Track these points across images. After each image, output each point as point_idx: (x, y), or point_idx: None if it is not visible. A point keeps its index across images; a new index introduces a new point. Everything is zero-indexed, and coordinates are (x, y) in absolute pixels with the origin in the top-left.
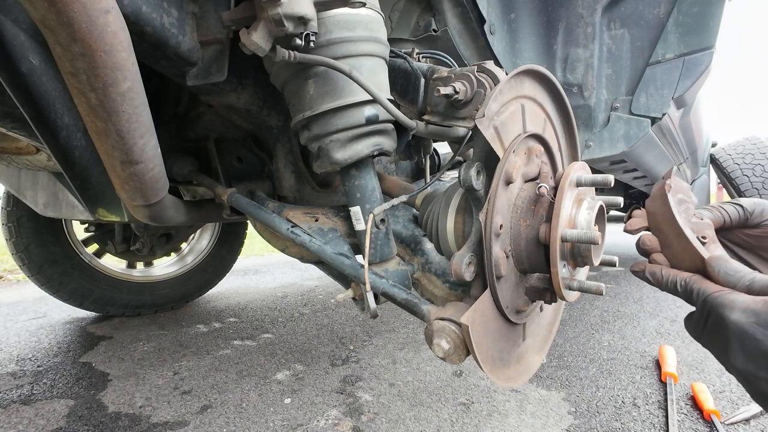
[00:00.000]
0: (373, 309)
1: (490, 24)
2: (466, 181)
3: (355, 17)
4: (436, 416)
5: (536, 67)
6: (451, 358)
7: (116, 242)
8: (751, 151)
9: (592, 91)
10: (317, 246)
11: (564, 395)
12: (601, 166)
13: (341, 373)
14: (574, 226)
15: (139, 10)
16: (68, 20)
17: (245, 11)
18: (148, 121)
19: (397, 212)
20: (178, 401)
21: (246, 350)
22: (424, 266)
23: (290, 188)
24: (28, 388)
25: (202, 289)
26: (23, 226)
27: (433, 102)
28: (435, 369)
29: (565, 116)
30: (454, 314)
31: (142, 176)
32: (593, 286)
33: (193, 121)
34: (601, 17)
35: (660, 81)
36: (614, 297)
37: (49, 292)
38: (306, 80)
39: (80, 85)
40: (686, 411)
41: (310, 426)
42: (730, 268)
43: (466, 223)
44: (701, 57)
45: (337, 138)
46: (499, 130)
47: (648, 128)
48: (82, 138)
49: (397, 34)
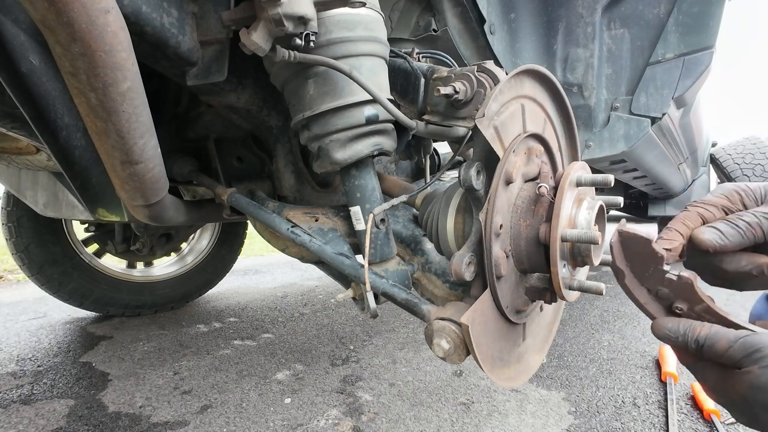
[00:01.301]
0: (373, 309)
1: (490, 24)
2: (466, 181)
3: (355, 17)
4: (436, 416)
5: (536, 66)
6: (451, 357)
7: (116, 242)
8: (751, 150)
9: (592, 90)
10: (317, 246)
11: (564, 395)
12: (601, 165)
13: (341, 372)
14: (574, 225)
15: (139, 10)
16: (68, 20)
17: (245, 11)
18: (148, 121)
19: (397, 212)
20: (178, 401)
21: (246, 350)
22: (424, 266)
23: (290, 188)
24: (28, 388)
25: (202, 289)
26: (23, 226)
27: (433, 102)
28: (435, 369)
29: (565, 116)
30: (454, 314)
31: (142, 176)
32: (593, 285)
33: (193, 121)
34: (601, 17)
35: (660, 81)
36: (614, 297)
37: (49, 292)
38: (306, 80)
39: (80, 85)
40: (686, 411)
41: (310, 426)
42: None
43: (466, 223)
44: (701, 57)
45: (337, 138)
46: (499, 130)
47: (648, 128)
48: (82, 138)
49: (397, 34)
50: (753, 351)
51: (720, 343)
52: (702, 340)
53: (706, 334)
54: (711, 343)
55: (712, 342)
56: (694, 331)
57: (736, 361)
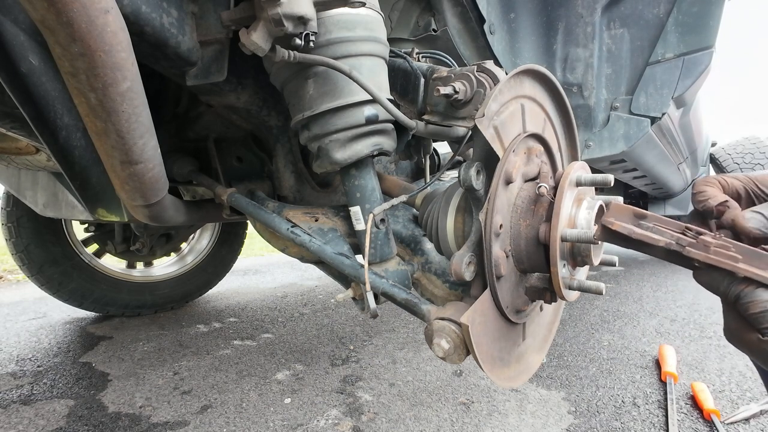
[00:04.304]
0: (373, 309)
1: (490, 24)
2: (466, 181)
3: (355, 17)
4: (436, 416)
5: (536, 66)
6: (451, 357)
7: (116, 242)
8: (751, 150)
9: (591, 90)
10: (317, 246)
11: (564, 395)
12: (601, 165)
13: (341, 373)
14: (574, 225)
15: (138, 10)
16: (68, 20)
17: (245, 11)
18: (147, 121)
19: (397, 212)
20: (178, 401)
21: (246, 350)
22: (424, 266)
23: (290, 188)
24: (28, 388)
25: (202, 289)
26: (23, 226)
27: (433, 102)
28: (435, 369)
29: (565, 116)
30: (454, 314)
31: (141, 176)
32: (593, 285)
33: (193, 121)
34: (601, 17)
35: (660, 80)
36: (614, 296)
37: (49, 292)
38: (306, 80)
39: (80, 85)
40: (686, 410)
41: (310, 426)
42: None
43: (466, 222)
44: (701, 56)
45: (336, 138)
46: (498, 130)
47: (648, 128)
48: (81, 138)
49: (396, 34)
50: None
51: (753, 304)
52: (738, 295)
53: (746, 292)
54: (745, 302)
55: (747, 301)
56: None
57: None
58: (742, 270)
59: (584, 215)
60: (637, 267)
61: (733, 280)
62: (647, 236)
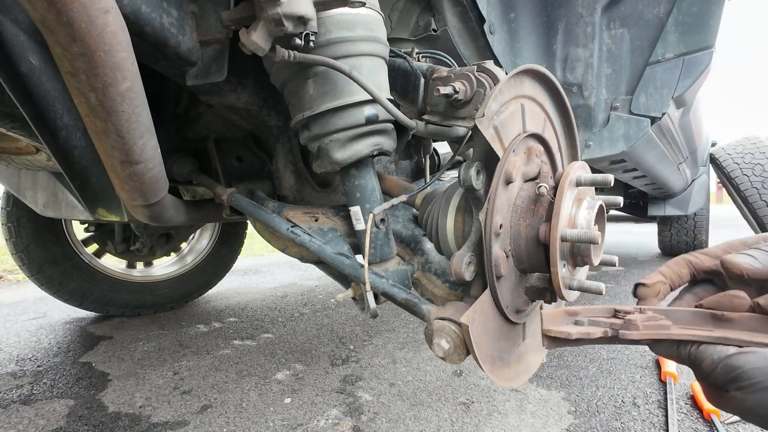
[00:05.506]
0: (373, 309)
1: (490, 24)
2: (466, 181)
3: (355, 17)
4: (436, 416)
5: (536, 66)
6: (451, 357)
7: (116, 242)
8: (751, 150)
9: (591, 90)
10: (317, 246)
11: (564, 395)
12: (601, 165)
13: (341, 372)
14: (574, 225)
15: (138, 10)
16: (68, 20)
17: (245, 11)
18: (147, 121)
19: (397, 212)
20: (178, 401)
21: (246, 350)
22: (424, 266)
23: (290, 188)
24: (28, 388)
25: (202, 289)
26: (23, 226)
27: (433, 102)
28: (435, 369)
29: (565, 116)
30: (454, 314)
31: (141, 176)
32: (593, 285)
33: (193, 121)
34: (601, 17)
35: (660, 80)
36: (614, 296)
37: (49, 292)
38: (306, 80)
39: (80, 85)
40: (686, 410)
41: (310, 426)
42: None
43: (466, 222)
44: (701, 56)
45: (336, 138)
46: (498, 130)
47: (648, 128)
48: (81, 138)
49: (396, 34)
50: (734, 375)
51: (705, 363)
52: (690, 359)
53: (694, 353)
54: (698, 363)
55: (699, 362)
56: (686, 348)
57: (722, 385)
58: (674, 335)
59: (584, 215)
60: (637, 267)
61: (679, 344)
62: (584, 333)
